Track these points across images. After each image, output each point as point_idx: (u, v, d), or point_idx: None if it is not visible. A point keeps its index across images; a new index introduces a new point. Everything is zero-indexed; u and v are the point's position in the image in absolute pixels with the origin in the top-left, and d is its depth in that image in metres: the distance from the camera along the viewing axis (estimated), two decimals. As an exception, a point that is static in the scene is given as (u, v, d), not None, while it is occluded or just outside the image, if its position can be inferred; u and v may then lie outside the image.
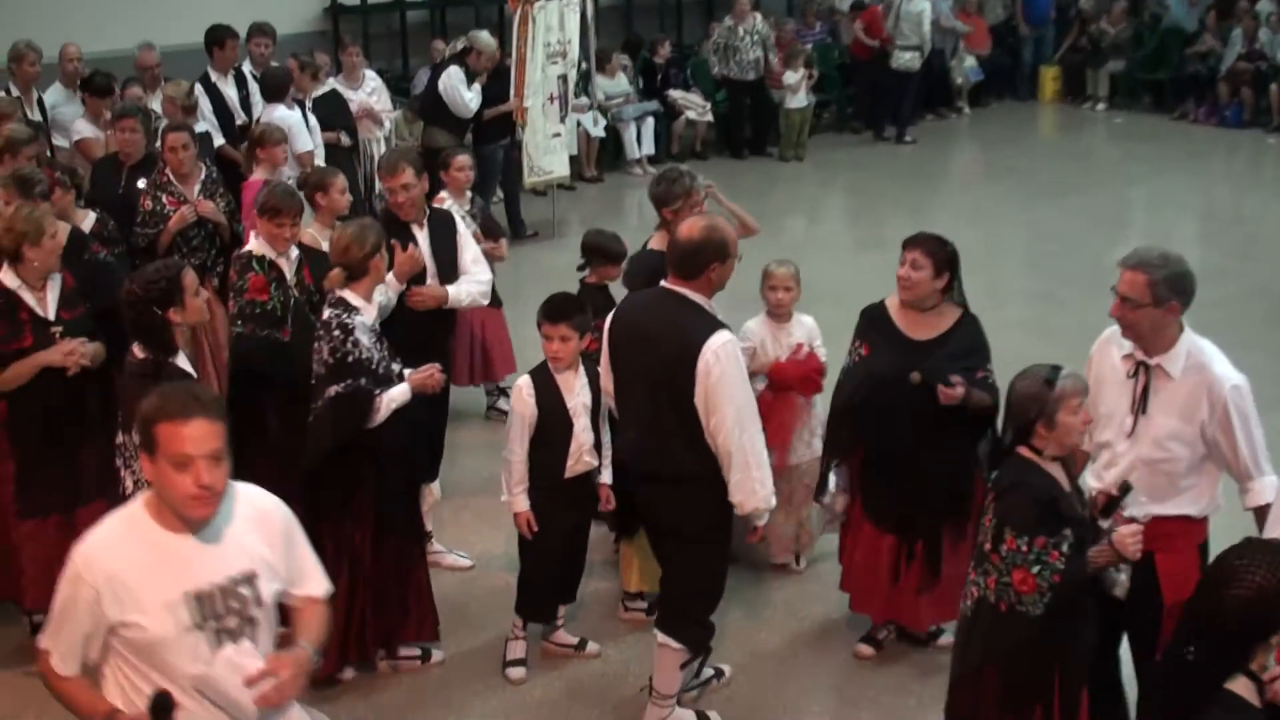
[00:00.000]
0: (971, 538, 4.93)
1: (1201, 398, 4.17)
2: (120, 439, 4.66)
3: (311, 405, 5.11)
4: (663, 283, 4.81)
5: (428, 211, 6.20)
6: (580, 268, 6.24)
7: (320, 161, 9.40)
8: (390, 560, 5.32)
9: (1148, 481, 4.23)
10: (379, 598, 5.32)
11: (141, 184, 7.23)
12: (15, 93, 9.09)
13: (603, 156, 14.30)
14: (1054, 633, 4.05)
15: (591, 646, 5.70)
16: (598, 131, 13.90)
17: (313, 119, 9.52)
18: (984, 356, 5.20)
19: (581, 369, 5.31)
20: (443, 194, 7.25)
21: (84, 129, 9.15)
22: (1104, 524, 4.08)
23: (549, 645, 5.71)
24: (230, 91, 10.01)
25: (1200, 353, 4.23)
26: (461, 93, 10.95)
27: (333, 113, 10.16)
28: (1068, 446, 4.16)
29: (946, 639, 5.42)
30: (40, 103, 9.57)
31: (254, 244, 5.75)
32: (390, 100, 11.28)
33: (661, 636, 4.98)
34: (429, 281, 6.06)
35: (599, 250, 6.15)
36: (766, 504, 4.72)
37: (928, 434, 5.11)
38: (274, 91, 9.34)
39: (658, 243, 5.83)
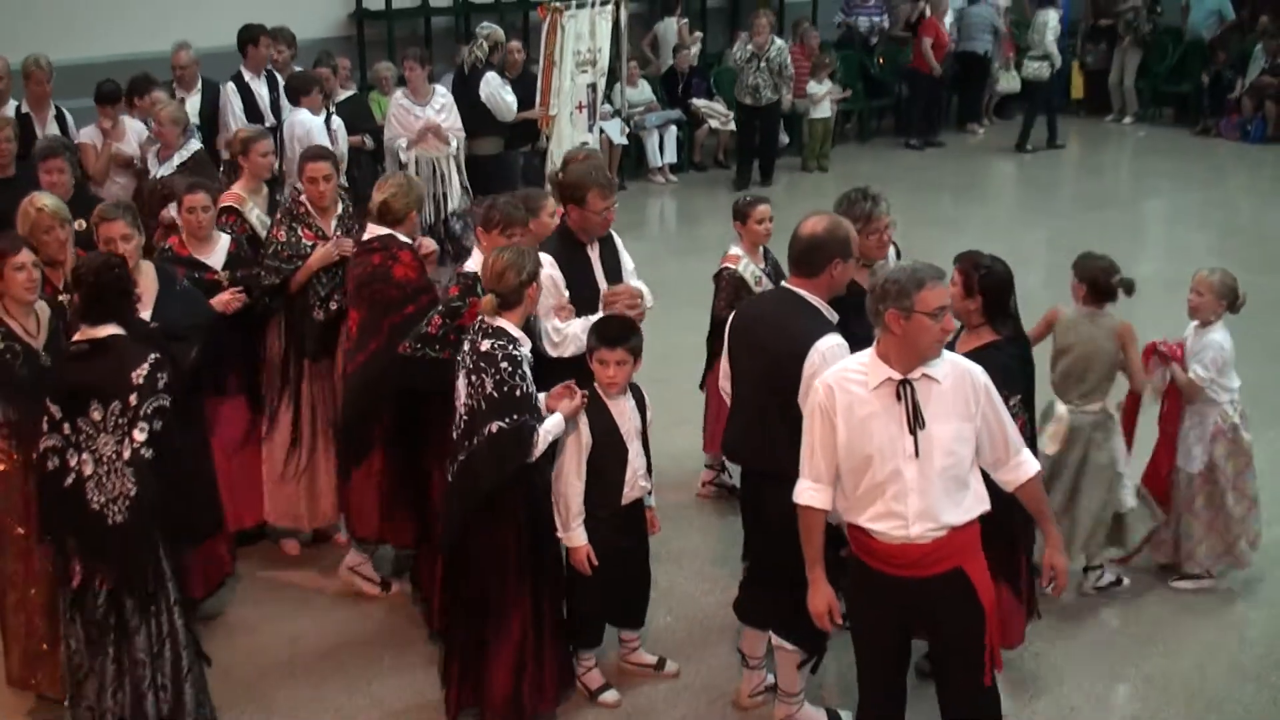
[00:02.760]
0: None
1: (967, 391, 4.19)
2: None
3: (462, 442, 4.92)
4: (783, 283, 4.88)
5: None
6: None
7: (344, 165, 9.46)
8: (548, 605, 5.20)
9: (943, 493, 4.14)
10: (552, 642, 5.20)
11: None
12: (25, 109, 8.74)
13: (625, 164, 14.32)
14: None
15: (670, 665, 5.62)
16: (621, 139, 13.91)
17: (337, 121, 9.49)
18: (1004, 384, 4.54)
19: (629, 393, 5.22)
20: (736, 250, 6.64)
21: (88, 135, 8.78)
22: None
23: (627, 664, 5.62)
24: (263, 92, 10.05)
25: (946, 351, 4.26)
26: (504, 96, 10.97)
27: (356, 116, 10.20)
28: None
29: None
30: (60, 116, 9.09)
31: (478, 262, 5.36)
32: (459, 119, 10.61)
33: (775, 639, 5.02)
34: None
35: None
36: None
37: None
38: (297, 95, 9.36)
39: None
